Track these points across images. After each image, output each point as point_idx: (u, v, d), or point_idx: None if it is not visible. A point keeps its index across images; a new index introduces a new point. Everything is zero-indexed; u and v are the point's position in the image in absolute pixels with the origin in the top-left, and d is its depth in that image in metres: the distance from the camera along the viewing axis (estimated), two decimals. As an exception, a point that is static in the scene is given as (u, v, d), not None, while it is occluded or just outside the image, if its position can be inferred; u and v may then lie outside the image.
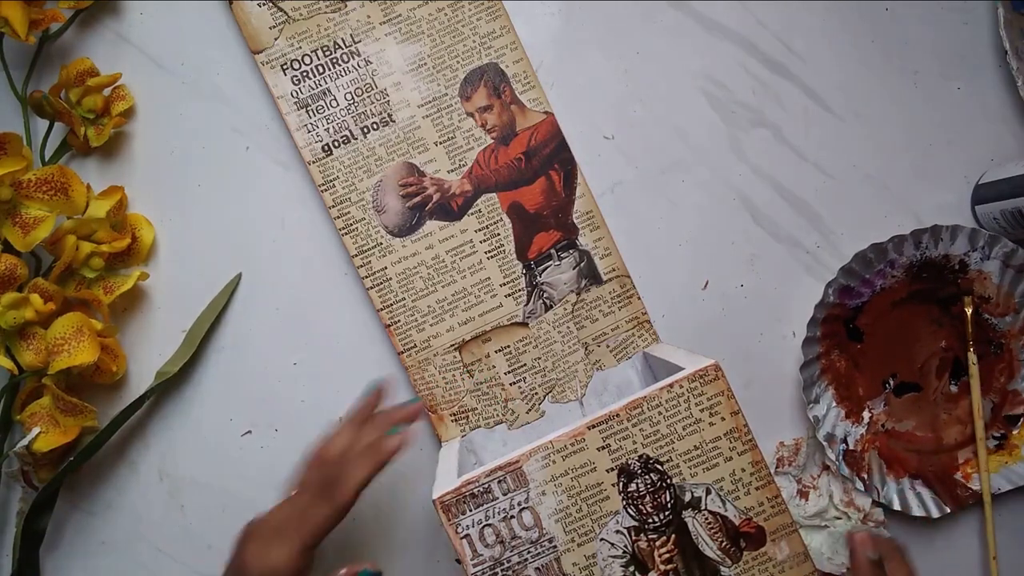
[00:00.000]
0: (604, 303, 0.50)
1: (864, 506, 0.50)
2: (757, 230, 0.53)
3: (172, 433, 0.51)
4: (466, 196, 0.48)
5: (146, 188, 0.52)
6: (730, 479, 0.39)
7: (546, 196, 0.49)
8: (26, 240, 0.47)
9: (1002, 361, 0.52)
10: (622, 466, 0.39)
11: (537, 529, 0.38)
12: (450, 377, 0.48)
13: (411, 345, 0.48)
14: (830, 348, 0.52)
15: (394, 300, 0.48)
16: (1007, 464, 0.51)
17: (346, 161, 0.48)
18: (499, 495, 0.38)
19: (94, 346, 0.46)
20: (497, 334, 0.49)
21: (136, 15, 0.52)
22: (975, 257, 0.50)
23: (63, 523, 0.51)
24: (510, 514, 0.38)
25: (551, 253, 0.49)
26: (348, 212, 0.48)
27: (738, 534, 0.39)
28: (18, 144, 0.46)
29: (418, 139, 0.49)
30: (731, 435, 0.39)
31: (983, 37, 0.54)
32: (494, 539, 0.38)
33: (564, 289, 0.49)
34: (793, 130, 0.53)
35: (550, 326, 0.49)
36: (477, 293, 0.48)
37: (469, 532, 0.38)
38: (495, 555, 0.38)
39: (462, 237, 0.49)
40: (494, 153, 0.49)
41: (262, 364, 0.51)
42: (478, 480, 0.38)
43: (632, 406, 0.39)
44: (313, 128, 0.48)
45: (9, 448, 0.48)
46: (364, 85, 0.48)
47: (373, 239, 0.48)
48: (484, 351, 0.48)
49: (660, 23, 0.53)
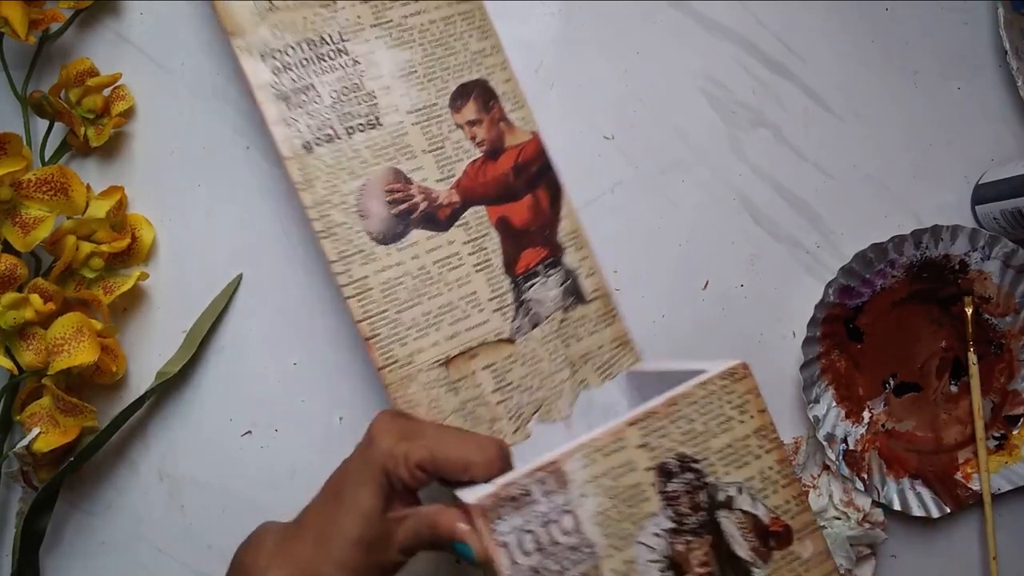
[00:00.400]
0: (589, 322, 0.48)
1: (864, 506, 0.50)
2: (757, 230, 0.53)
3: (172, 433, 0.51)
4: (454, 207, 0.47)
5: (146, 188, 0.52)
6: (759, 477, 0.38)
7: (533, 213, 0.48)
8: (26, 240, 0.47)
9: (1002, 361, 0.52)
10: (661, 465, 0.37)
11: (577, 534, 0.35)
12: (434, 395, 0.44)
13: (392, 360, 0.44)
14: (830, 348, 0.52)
15: (376, 311, 0.44)
16: (1007, 464, 0.51)
17: (328, 161, 0.45)
18: (539, 497, 0.35)
19: (94, 346, 0.46)
20: (484, 350, 0.46)
21: (136, 15, 0.52)
22: (975, 257, 0.50)
23: (63, 523, 0.51)
24: (550, 518, 0.35)
25: (538, 270, 0.48)
26: (328, 215, 0.44)
27: (767, 533, 0.38)
28: (18, 144, 0.46)
29: (406, 145, 0.46)
30: (759, 433, 0.39)
31: (983, 37, 0.54)
32: (533, 546, 0.35)
33: (551, 306, 0.47)
34: (793, 130, 0.53)
35: (537, 343, 0.47)
36: (464, 307, 0.46)
37: (507, 540, 0.34)
38: (533, 564, 0.35)
39: (449, 248, 0.46)
40: (483, 166, 0.48)
41: (262, 364, 0.51)
42: (518, 482, 0.35)
43: (670, 403, 0.38)
44: (293, 123, 0.44)
45: (9, 448, 0.48)
46: (351, 84, 0.46)
47: (355, 245, 0.44)
48: (470, 368, 0.45)
49: (660, 23, 0.53)
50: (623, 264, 0.52)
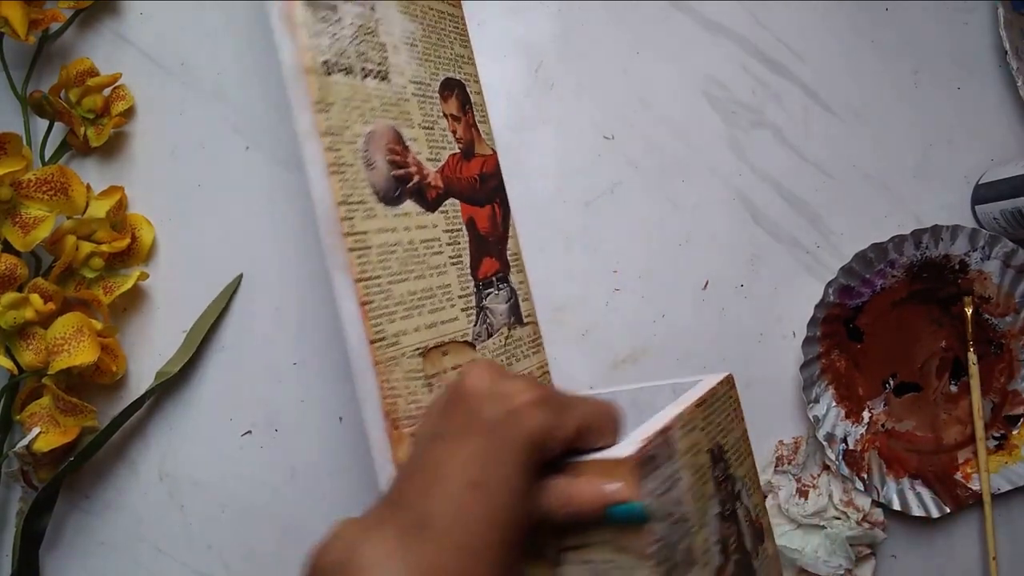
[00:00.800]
0: (524, 344, 0.49)
1: (863, 506, 0.50)
2: (757, 230, 0.53)
3: (172, 433, 0.51)
4: (438, 191, 0.46)
5: (146, 188, 0.52)
6: (749, 476, 0.39)
7: (491, 224, 0.49)
8: (26, 240, 0.47)
9: (1002, 361, 0.52)
10: (710, 449, 0.36)
11: (680, 505, 0.33)
12: (413, 388, 0.42)
13: (382, 336, 0.41)
14: (830, 348, 0.52)
15: (371, 275, 0.41)
16: (1007, 464, 0.51)
17: (344, 92, 0.42)
18: (662, 463, 0.32)
19: (94, 346, 0.46)
20: (453, 349, 0.44)
21: (136, 15, 0.52)
22: (975, 257, 0.50)
23: (63, 523, 0.51)
24: (666, 486, 0.32)
25: (493, 280, 0.48)
26: (340, 150, 0.41)
27: (757, 529, 0.39)
28: (18, 144, 0.46)
29: (406, 112, 0.45)
30: (745, 437, 0.40)
31: (983, 37, 0.54)
32: (661, 513, 0.31)
33: (501, 320, 0.47)
34: (793, 130, 0.53)
35: (490, 354, 0.46)
36: (440, 297, 0.44)
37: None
38: (660, 533, 0.31)
39: (433, 232, 0.45)
40: (460, 163, 0.48)
41: (262, 364, 0.51)
42: (652, 442, 0.32)
43: (708, 395, 0.38)
44: (317, 36, 0.41)
45: (9, 448, 0.48)
46: (369, 27, 0.44)
47: (359, 194, 0.42)
48: (443, 364, 0.44)
49: (660, 23, 0.53)
50: (623, 264, 0.52)
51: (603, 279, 0.52)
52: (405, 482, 0.30)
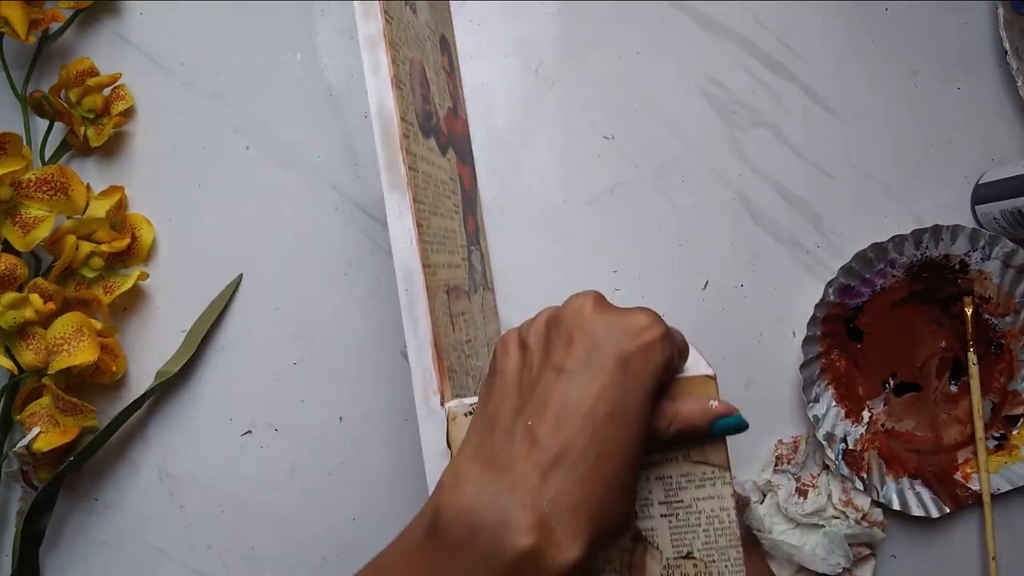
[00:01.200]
0: (489, 309, 0.47)
1: (863, 505, 0.50)
2: (757, 230, 0.53)
3: (172, 433, 0.51)
4: (445, 137, 0.45)
5: (146, 188, 0.52)
6: None
7: (469, 184, 0.48)
8: (26, 240, 0.47)
9: (1002, 361, 0.52)
10: None
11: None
12: (445, 321, 0.39)
13: (428, 263, 0.38)
14: (830, 348, 0.52)
15: (420, 198, 0.39)
16: (1007, 464, 0.51)
17: (397, 11, 0.40)
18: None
19: (94, 346, 0.46)
20: (459, 295, 0.42)
21: (136, 15, 0.52)
22: (975, 257, 0.50)
23: (63, 523, 0.51)
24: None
25: (475, 238, 0.47)
26: (399, 65, 0.39)
27: None
28: (18, 144, 0.46)
29: (428, 52, 0.44)
30: None
31: (983, 37, 0.54)
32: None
33: (479, 280, 0.46)
34: (793, 130, 0.53)
35: (478, 309, 0.45)
36: (454, 240, 0.42)
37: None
38: None
39: (445, 174, 0.43)
40: (453, 117, 0.47)
41: (262, 364, 0.51)
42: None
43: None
44: None
45: (9, 448, 0.48)
46: None
47: (411, 116, 0.39)
48: (459, 308, 0.41)
49: (660, 23, 0.53)
50: (623, 264, 0.52)
51: (603, 279, 0.52)
52: (530, 417, 0.29)
